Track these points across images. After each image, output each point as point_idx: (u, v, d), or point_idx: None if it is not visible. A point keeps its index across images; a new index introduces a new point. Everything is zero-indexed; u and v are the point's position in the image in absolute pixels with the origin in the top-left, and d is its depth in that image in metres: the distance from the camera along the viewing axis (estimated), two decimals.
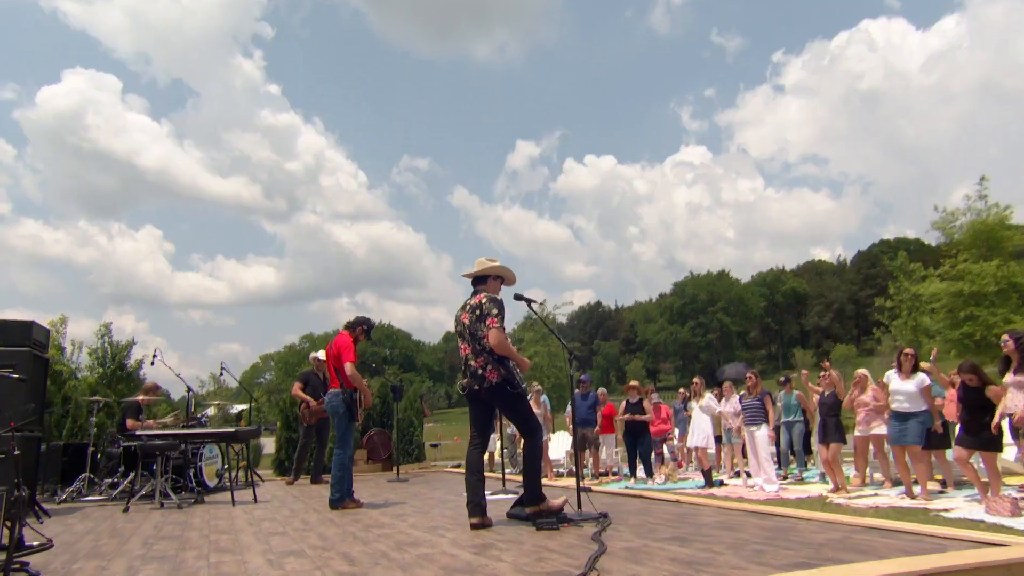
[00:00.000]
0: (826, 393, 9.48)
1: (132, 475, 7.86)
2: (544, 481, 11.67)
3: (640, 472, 11.46)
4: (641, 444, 11.31)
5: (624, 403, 11.68)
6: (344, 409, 6.64)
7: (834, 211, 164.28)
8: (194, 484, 8.82)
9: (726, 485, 10.56)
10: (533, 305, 5.88)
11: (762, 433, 9.64)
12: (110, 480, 8.98)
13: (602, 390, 13.35)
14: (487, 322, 5.02)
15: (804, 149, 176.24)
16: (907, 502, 7.69)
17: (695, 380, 11.13)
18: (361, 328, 7.02)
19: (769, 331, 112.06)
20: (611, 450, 12.79)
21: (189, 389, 9.35)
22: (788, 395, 11.68)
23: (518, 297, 5.87)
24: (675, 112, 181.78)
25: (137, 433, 7.75)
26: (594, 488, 10.86)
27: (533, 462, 5.07)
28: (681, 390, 14.68)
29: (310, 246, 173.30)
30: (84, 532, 5.56)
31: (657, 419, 12.67)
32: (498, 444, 16.00)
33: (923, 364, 8.91)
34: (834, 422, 9.26)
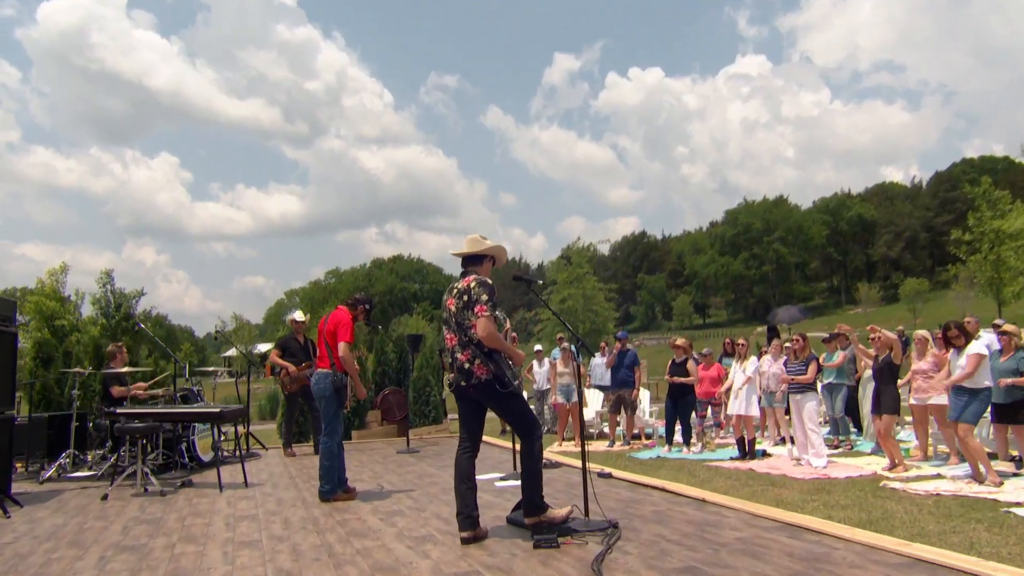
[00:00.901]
0: (880, 358, 8.97)
1: (114, 457, 7.81)
2: (561, 449, 11.48)
3: (678, 436, 11.16)
4: (682, 408, 10.97)
5: (669, 363, 11.30)
6: (331, 392, 6.38)
7: (910, 125, 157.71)
8: (187, 459, 8.80)
9: (769, 455, 10.22)
10: (534, 286, 5.47)
11: (810, 403, 9.19)
12: (101, 452, 9.01)
13: (632, 346, 12.96)
14: (475, 310, 4.64)
15: (877, 56, 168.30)
16: (973, 488, 7.25)
17: (740, 342, 10.66)
18: (362, 308, 6.75)
19: (831, 262, 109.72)
20: (645, 414, 12.50)
21: (175, 361, 9.22)
22: (831, 355, 11.17)
23: (517, 278, 5.48)
24: (730, 17, 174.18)
25: (117, 412, 7.65)
26: (625, 455, 10.66)
27: (532, 466, 4.75)
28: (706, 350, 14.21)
29: (334, 173, 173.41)
30: (48, 533, 5.47)
31: (707, 379, 12.26)
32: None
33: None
34: (889, 391, 8.77)
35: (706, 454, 10.72)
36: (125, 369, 8.62)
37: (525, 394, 15.65)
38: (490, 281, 4.81)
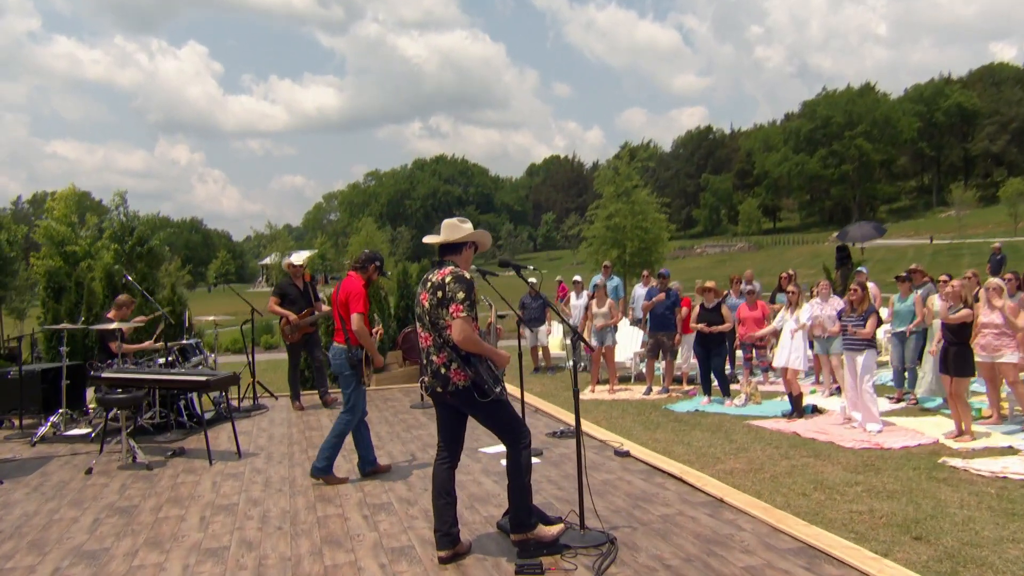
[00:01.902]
0: (952, 311, 8.42)
1: (100, 426, 7.88)
2: (594, 396, 11.31)
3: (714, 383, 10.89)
4: (715, 358, 10.63)
5: (698, 307, 10.90)
6: (349, 370, 6.27)
7: None
8: (185, 417, 8.88)
9: (821, 412, 9.88)
10: (524, 272, 5.13)
11: (868, 361, 8.73)
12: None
13: (676, 284, 12.59)
14: (450, 309, 4.33)
15: None
16: None
17: (790, 289, 10.14)
18: (374, 266, 6.60)
19: (922, 158, 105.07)
20: (687, 355, 12.19)
21: (164, 316, 9.18)
22: (903, 300, 10.59)
23: (504, 264, 5.14)
24: None
25: (101, 377, 7.67)
26: (661, 406, 10.45)
27: (518, 480, 4.53)
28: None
29: (373, 62, 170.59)
30: (13, 527, 5.54)
31: (750, 320, 11.86)
32: (556, 335, 15.71)
33: None
34: (957, 350, 8.26)
35: (750, 407, 10.44)
36: (115, 325, 8.61)
37: (560, 329, 15.52)
38: (468, 275, 4.48)
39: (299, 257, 10.00)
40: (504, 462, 6.72)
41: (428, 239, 4.78)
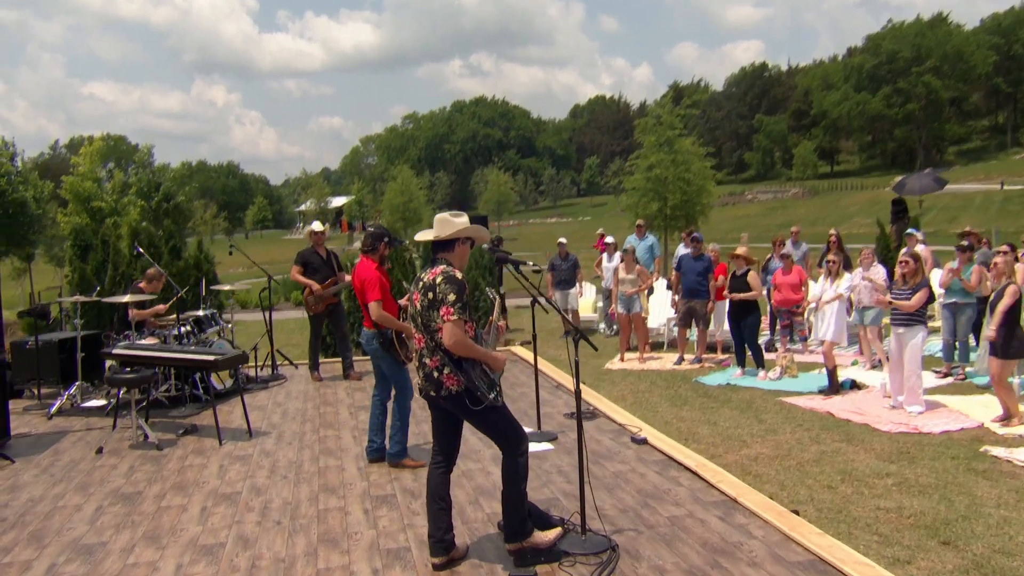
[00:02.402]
0: (1000, 289, 8.11)
1: (113, 401, 8.01)
2: (622, 365, 11.21)
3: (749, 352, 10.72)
4: (747, 328, 10.44)
5: (730, 275, 10.68)
6: (384, 352, 6.34)
7: None
8: (201, 390, 9.03)
9: (860, 388, 9.69)
10: (520, 268, 5.01)
11: (915, 339, 8.45)
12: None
13: (713, 247, 12.36)
14: (441, 312, 4.25)
15: None
16: None
17: (830, 259, 9.84)
18: (383, 243, 6.62)
19: (997, 95, 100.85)
20: (721, 323, 12.01)
21: (176, 291, 9.23)
22: (966, 268, 10.23)
23: (501, 260, 5.03)
24: None
25: (112, 353, 7.80)
26: (692, 378, 10.34)
27: (514, 488, 4.49)
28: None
29: None
30: (18, 515, 5.70)
31: (785, 285, 11.64)
32: (588, 296, 15.58)
33: None
34: (1005, 331, 7.96)
35: (785, 381, 10.27)
36: (127, 298, 8.72)
37: (592, 290, 15.39)
38: (460, 276, 4.38)
39: (319, 224, 9.98)
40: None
41: (420, 236, 4.68)
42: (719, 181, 28.36)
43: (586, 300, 15.11)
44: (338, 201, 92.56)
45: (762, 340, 12.34)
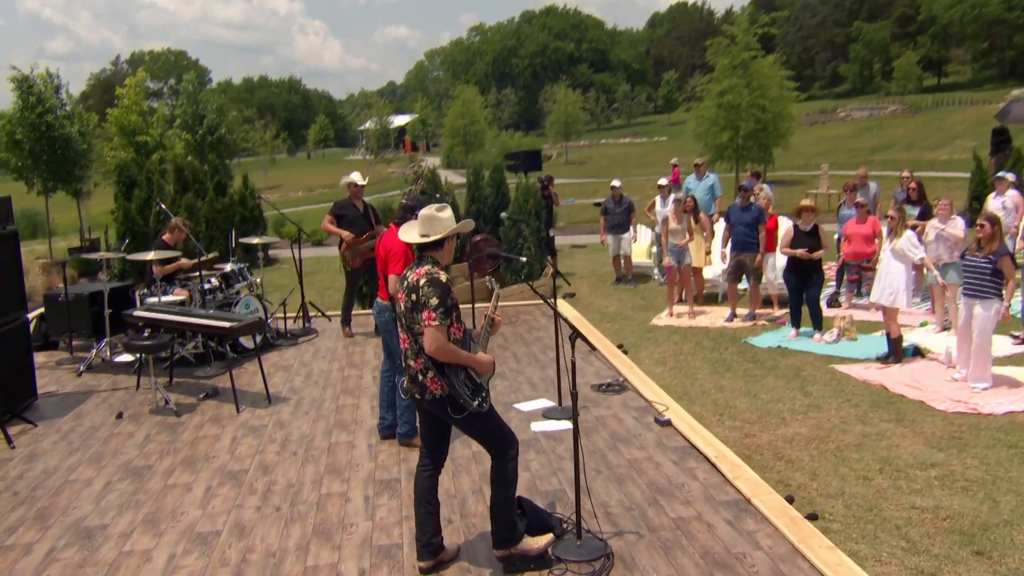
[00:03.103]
0: None
1: (136, 364, 8.27)
2: (670, 321, 11.02)
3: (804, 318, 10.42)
4: (809, 287, 10.11)
5: (791, 229, 10.31)
6: (395, 327, 6.40)
7: None
8: (227, 347, 9.28)
9: (923, 355, 9.37)
10: (513, 262, 4.90)
11: (989, 312, 8.05)
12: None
13: (765, 193, 11.95)
14: (423, 316, 4.22)
15: None
16: None
17: (890, 214, 9.39)
18: (415, 216, 6.56)
19: None
20: (771, 274, 11.65)
21: (200, 253, 9.39)
22: None
23: (488, 252, 4.93)
24: None
25: (132, 315, 8.05)
26: (741, 339, 10.15)
27: (502, 493, 4.51)
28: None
29: None
30: (32, 484, 6.02)
31: (858, 236, 11.17)
32: (643, 241, 15.32)
33: None
34: None
35: (842, 345, 10.00)
36: (151, 255, 8.93)
37: (648, 233, 15.11)
38: (444, 278, 4.32)
39: (359, 176, 9.98)
40: (534, 426, 6.76)
41: (405, 236, 4.60)
42: (810, 96, 27.03)
43: (641, 245, 14.85)
44: (401, 120, 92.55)
45: (826, 292, 12.01)
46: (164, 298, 8.99)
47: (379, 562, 4.73)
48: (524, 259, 7.83)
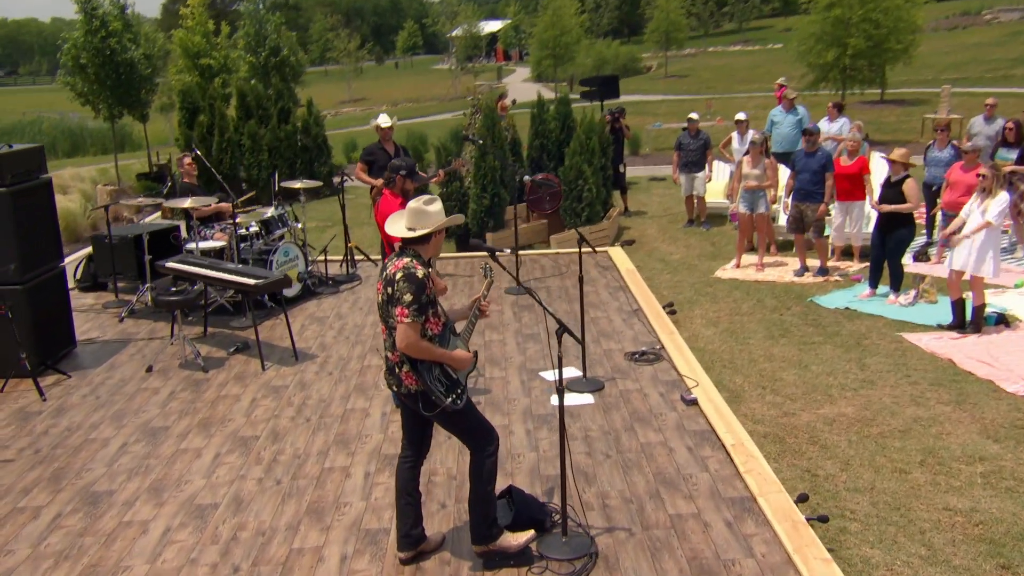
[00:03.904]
0: None
1: (176, 319, 8.67)
2: (735, 274, 10.82)
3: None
4: (892, 243, 9.75)
5: (882, 182, 9.91)
6: None
7: None
8: (266, 297, 9.64)
9: (1008, 323, 9.02)
10: (495, 255, 4.93)
11: None
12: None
13: (854, 132, 11.49)
14: (396, 312, 4.32)
15: None
16: None
17: (982, 172, 8.85)
18: (399, 176, 6.85)
19: None
20: (857, 223, 11.25)
21: (231, 198, 9.64)
22: None
23: (472, 241, 4.96)
24: None
25: (165, 265, 8.43)
26: (807, 298, 9.93)
27: (481, 488, 4.64)
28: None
29: None
30: (54, 442, 6.51)
31: (962, 184, 10.63)
32: (721, 179, 14.95)
33: None
34: None
35: (919, 308, 9.69)
36: (188, 203, 9.25)
37: (726, 170, 14.72)
38: (421, 273, 4.38)
39: (386, 118, 10.04)
40: (553, 399, 6.86)
41: (391, 230, 4.65)
42: None
43: (718, 183, 14.50)
44: (493, 25, 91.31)
45: (918, 242, 11.57)
46: (203, 244, 9.36)
47: (363, 548, 4.97)
48: (508, 250, 7.74)
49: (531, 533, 4.85)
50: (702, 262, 12.03)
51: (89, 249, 11.13)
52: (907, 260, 11.41)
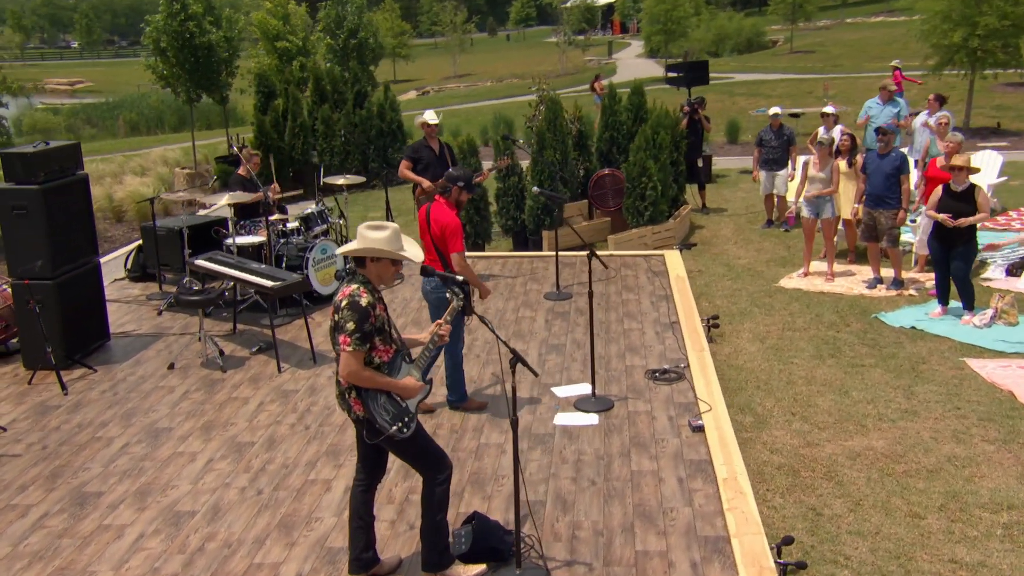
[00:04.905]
0: None
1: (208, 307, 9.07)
2: (801, 283, 10.56)
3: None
4: (956, 260, 9.42)
5: (939, 190, 9.58)
6: (435, 300, 7.07)
7: None
8: (300, 296, 10.05)
9: None
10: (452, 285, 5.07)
11: None
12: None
13: (955, 137, 11.08)
14: (340, 339, 4.55)
15: None
16: None
17: None
18: (457, 188, 7.18)
19: None
20: (922, 236, 10.89)
21: (265, 195, 10.06)
22: None
23: (423, 267, 5.16)
24: None
25: (195, 262, 8.93)
26: (872, 314, 9.69)
27: (431, 517, 4.84)
28: None
29: None
30: (64, 436, 7.04)
31: None
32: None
33: None
34: None
35: (995, 330, 9.33)
36: (225, 199, 9.74)
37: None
38: (366, 301, 4.58)
39: (433, 115, 10.28)
40: (557, 419, 6.98)
41: (341, 249, 4.89)
42: None
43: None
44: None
45: (1015, 254, 11.11)
46: (239, 240, 9.85)
47: (320, 567, 5.25)
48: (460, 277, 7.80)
49: (482, 568, 5.02)
50: (770, 268, 11.84)
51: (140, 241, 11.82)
52: (998, 274, 11.01)
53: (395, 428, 4.66)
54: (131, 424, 7.31)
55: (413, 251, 4.89)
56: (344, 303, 4.60)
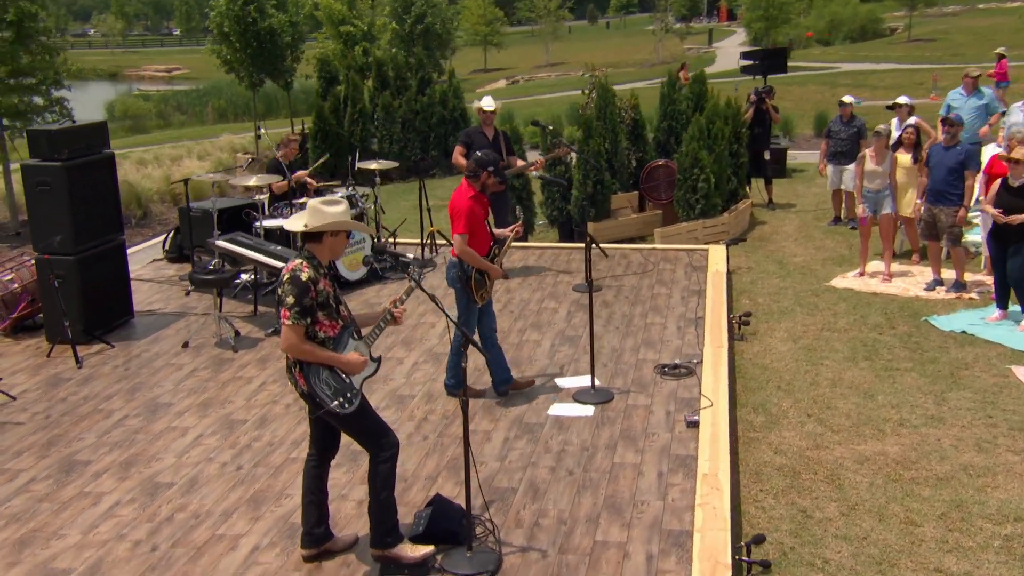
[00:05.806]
0: None
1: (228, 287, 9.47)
2: (855, 283, 10.47)
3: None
4: (1012, 258, 9.21)
5: (997, 184, 9.38)
6: (459, 285, 7.34)
7: None
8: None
9: None
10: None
11: None
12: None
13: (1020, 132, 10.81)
14: (280, 314, 4.84)
15: None
16: None
17: None
18: (486, 172, 7.33)
19: None
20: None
21: (285, 176, 10.44)
22: None
23: (376, 247, 5.36)
24: None
25: (216, 244, 9.38)
26: (924, 316, 9.55)
27: (377, 494, 5.08)
28: None
29: None
30: (67, 408, 7.54)
31: None
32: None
33: None
34: None
35: None
36: (253, 180, 10.19)
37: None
38: (306, 276, 4.85)
39: (490, 101, 10.53)
40: (551, 410, 7.15)
41: (289, 225, 5.16)
42: None
43: None
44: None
45: None
46: (266, 223, 10.29)
47: (278, 541, 5.55)
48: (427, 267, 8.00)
49: (430, 549, 5.24)
50: (825, 267, 11.72)
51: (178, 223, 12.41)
52: None
53: (335, 403, 4.91)
54: (134, 398, 7.77)
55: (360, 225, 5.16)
56: (286, 277, 4.88)
